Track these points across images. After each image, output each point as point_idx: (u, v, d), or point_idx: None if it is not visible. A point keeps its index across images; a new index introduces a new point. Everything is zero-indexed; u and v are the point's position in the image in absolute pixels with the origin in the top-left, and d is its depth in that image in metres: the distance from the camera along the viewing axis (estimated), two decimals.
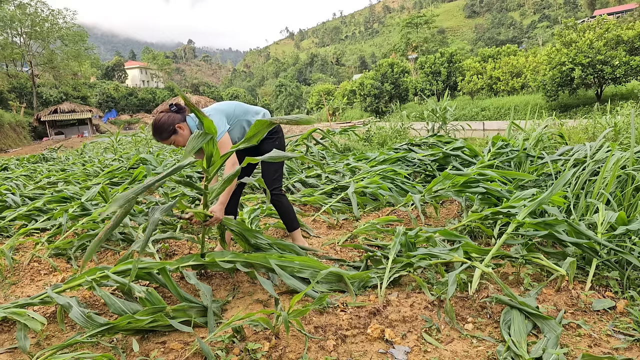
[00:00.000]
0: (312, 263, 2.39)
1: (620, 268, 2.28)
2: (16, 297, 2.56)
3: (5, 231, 3.90)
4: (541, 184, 3.73)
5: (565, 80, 19.94)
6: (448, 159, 5.09)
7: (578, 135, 7.19)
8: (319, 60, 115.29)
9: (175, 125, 2.50)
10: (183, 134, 2.53)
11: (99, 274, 2.20)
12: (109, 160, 8.29)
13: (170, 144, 2.54)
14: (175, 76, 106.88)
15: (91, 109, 36.94)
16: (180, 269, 2.34)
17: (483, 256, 2.47)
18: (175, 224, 3.76)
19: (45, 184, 6.01)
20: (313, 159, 6.41)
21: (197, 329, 2.02)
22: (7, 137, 28.50)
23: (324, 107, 35.54)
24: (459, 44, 62.66)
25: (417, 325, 1.94)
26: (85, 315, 1.94)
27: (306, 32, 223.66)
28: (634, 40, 18.85)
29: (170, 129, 2.49)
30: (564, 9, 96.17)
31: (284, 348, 1.79)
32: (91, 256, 1.96)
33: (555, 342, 1.70)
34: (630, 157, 3.18)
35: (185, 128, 2.54)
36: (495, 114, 24.36)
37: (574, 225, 2.36)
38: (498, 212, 2.76)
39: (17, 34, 35.03)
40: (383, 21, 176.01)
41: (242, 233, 2.63)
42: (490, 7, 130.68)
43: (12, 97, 35.04)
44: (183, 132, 2.53)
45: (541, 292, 2.18)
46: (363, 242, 3.11)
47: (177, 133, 2.51)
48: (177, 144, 2.54)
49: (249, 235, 2.63)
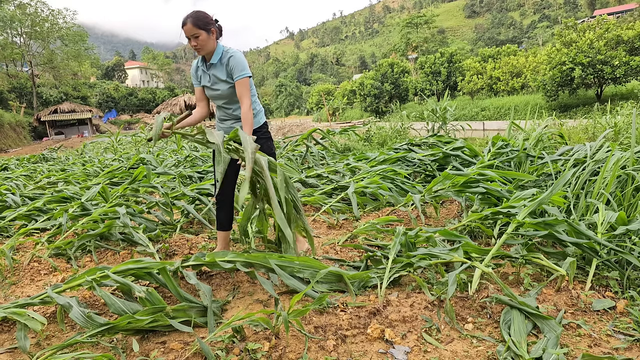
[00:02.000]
0: (312, 263, 2.39)
1: (620, 268, 2.28)
2: (16, 297, 2.56)
3: (5, 231, 3.90)
4: (541, 184, 3.73)
5: (566, 80, 19.93)
6: (448, 159, 5.09)
7: (578, 135, 7.19)
8: (319, 60, 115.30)
9: (212, 26, 2.59)
10: (209, 40, 2.58)
11: (99, 274, 2.20)
12: (109, 160, 8.29)
13: (193, 37, 2.54)
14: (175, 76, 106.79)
15: (91, 109, 36.94)
16: (181, 269, 2.34)
17: (483, 256, 2.47)
18: (175, 224, 3.76)
19: (45, 184, 6.01)
20: (313, 159, 6.41)
21: (197, 329, 2.02)
22: (7, 137, 28.50)
23: (324, 107, 35.55)
24: (459, 44, 62.62)
25: (417, 325, 1.94)
26: (85, 315, 1.94)
27: (306, 32, 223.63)
28: (634, 40, 18.84)
29: (209, 27, 2.56)
30: (564, 9, 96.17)
31: (284, 348, 1.79)
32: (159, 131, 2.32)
33: (555, 342, 1.70)
34: (630, 157, 3.18)
35: (213, 39, 2.61)
36: (495, 114, 24.34)
37: (574, 225, 2.36)
38: (498, 212, 2.76)
39: (17, 34, 35.04)
40: (383, 21, 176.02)
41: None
42: (490, 7, 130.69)
43: (12, 97, 35.05)
44: (211, 37, 2.59)
45: (541, 292, 2.18)
46: (363, 242, 3.11)
47: (209, 34, 2.57)
48: (198, 42, 2.56)
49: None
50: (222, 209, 2.87)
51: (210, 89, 2.71)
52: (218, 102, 2.78)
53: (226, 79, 2.64)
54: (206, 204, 4.03)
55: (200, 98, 2.78)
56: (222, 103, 2.76)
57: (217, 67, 2.65)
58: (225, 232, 2.91)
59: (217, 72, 2.65)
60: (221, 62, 2.64)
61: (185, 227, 3.85)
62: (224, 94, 2.69)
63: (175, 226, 3.72)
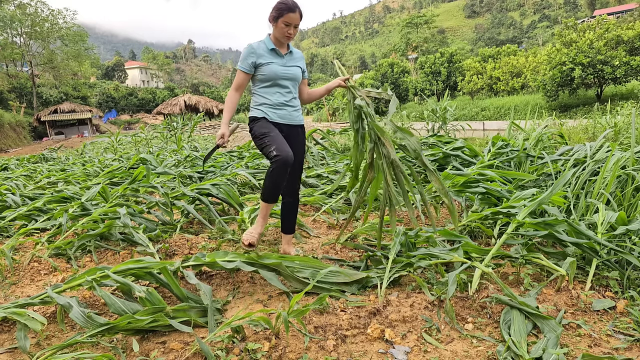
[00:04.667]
0: (312, 263, 2.39)
1: (620, 268, 2.28)
2: (16, 297, 2.56)
3: (5, 231, 3.89)
4: (541, 184, 3.73)
5: (566, 80, 19.94)
6: (448, 159, 5.08)
7: (578, 135, 7.19)
8: (319, 60, 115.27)
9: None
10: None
11: (99, 274, 2.20)
12: (109, 160, 8.29)
13: (295, 26, 2.57)
14: (175, 76, 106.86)
15: (91, 109, 36.97)
16: (181, 269, 2.34)
17: (483, 256, 2.47)
18: (175, 224, 3.76)
19: (45, 184, 6.01)
20: (313, 159, 6.41)
21: (197, 329, 2.02)
22: (7, 137, 28.51)
23: (324, 107, 35.53)
24: (459, 44, 62.65)
25: (417, 325, 1.94)
26: (86, 315, 1.94)
27: (306, 32, 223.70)
28: (634, 40, 18.85)
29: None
30: (564, 9, 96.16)
31: (284, 348, 1.79)
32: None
33: (555, 342, 1.70)
34: (630, 157, 3.18)
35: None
36: (495, 114, 24.36)
37: (574, 225, 2.36)
38: (498, 212, 2.76)
39: (17, 34, 35.06)
40: (383, 21, 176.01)
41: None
42: (490, 7, 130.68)
43: (12, 97, 35.06)
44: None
45: (541, 292, 2.18)
46: (363, 242, 3.11)
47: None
48: (295, 32, 2.60)
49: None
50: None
51: (286, 68, 2.68)
52: (285, 84, 2.72)
53: (299, 66, 2.74)
54: (206, 204, 4.03)
55: (243, 85, 2.73)
56: (290, 85, 2.73)
57: (292, 55, 2.73)
58: (289, 235, 2.92)
59: (294, 60, 2.73)
60: (293, 52, 2.73)
61: (185, 227, 3.85)
62: (297, 76, 2.74)
63: (175, 226, 3.71)
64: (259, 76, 2.64)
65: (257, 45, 2.63)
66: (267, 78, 2.63)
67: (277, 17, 2.52)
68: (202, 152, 7.77)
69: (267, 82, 2.64)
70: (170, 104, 36.40)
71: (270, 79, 2.63)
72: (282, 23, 2.52)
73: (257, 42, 2.66)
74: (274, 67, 2.61)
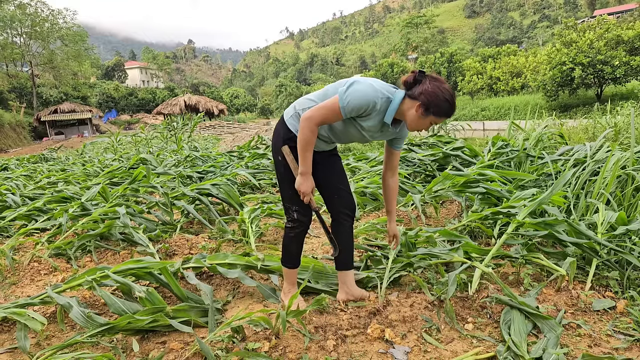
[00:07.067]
0: (312, 263, 2.39)
1: (620, 268, 2.28)
2: (16, 297, 2.56)
3: (5, 231, 3.89)
4: (541, 184, 3.73)
5: (566, 80, 19.95)
6: (448, 159, 5.08)
7: (578, 135, 7.19)
8: (319, 61, 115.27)
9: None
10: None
11: (99, 274, 2.20)
12: (109, 160, 8.29)
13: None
14: (175, 76, 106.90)
15: (91, 109, 36.96)
16: (181, 270, 2.34)
17: (483, 256, 2.47)
18: (175, 224, 3.76)
19: (45, 184, 6.01)
20: None
21: (197, 329, 2.02)
22: (7, 137, 28.51)
23: None
24: (459, 44, 62.64)
25: (417, 325, 1.94)
26: (85, 315, 1.94)
27: (306, 32, 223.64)
28: (634, 40, 18.85)
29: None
30: (564, 9, 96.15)
31: (284, 348, 1.79)
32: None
33: (555, 342, 1.70)
34: (630, 157, 3.18)
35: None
36: (495, 114, 24.37)
37: (574, 225, 2.36)
38: (498, 212, 2.76)
39: (17, 34, 35.06)
40: (383, 21, 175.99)
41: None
42: (490, 7, 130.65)
43: (12, 97, 35.05)
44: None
45: (541, 292, 2.18)
46: (363, 242, 3.11)
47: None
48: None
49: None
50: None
51: (372, 134, 2.13)
52: (349, 139, 2.24)
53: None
54: (206, 204, 4.03)
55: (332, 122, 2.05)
56: (347, 141, 2.27)
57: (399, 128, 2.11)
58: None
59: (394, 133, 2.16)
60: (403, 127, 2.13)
61: (185, 227, 3.85)
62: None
63: (175, 226, 3.71)
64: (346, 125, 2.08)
65: (380, 104, 1.94)
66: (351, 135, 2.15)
67: (432, 113, 1.90)
68: (202, 152, 7.75)
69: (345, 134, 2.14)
70: (170, 104, 36.41)
71: (354, 140, 2.24)
72: (431, 121, 1.96)
73: (381, 98, 1.92)
74: (371, 133, 2.11)
